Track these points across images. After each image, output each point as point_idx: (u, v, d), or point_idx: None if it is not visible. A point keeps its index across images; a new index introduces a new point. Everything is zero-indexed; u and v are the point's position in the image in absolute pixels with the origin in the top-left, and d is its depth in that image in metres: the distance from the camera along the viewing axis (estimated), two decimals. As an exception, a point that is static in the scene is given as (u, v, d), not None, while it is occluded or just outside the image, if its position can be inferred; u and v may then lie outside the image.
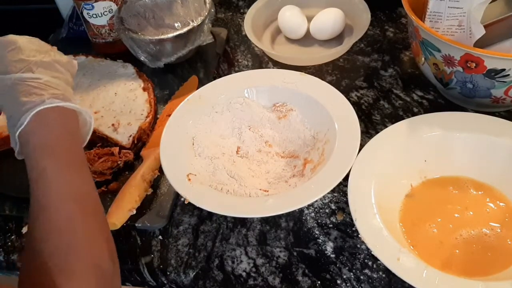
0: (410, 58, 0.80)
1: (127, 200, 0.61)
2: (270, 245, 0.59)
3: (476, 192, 0.60)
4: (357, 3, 0.83)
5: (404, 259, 0.50)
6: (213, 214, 0.62)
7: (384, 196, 0.57)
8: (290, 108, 0.69)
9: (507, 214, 0.57)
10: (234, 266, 0.58)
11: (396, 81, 0.77)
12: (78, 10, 0.83)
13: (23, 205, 0.66)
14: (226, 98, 0.69)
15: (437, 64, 0.64)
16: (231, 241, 0.60)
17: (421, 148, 0.61)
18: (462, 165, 0.61)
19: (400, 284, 0.54)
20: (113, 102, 0.76)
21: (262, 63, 0.83)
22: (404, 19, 0.87)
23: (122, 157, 0.68)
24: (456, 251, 0.55)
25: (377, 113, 0.72)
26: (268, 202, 0.57)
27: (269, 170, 0.65)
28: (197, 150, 0.64)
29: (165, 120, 0.68)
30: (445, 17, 0.63)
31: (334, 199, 0.62)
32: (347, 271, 0.56)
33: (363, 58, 0.81)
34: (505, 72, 0.59)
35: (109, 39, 0.85)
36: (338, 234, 0.59)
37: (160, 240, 0.61)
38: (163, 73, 0.82)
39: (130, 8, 0.82)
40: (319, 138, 0.65)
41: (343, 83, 0.77)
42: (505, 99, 0.63)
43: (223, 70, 0.83)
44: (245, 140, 0.68)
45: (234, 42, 0.88)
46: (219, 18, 0.93)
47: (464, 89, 0.64)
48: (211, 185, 0.60)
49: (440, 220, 0.57)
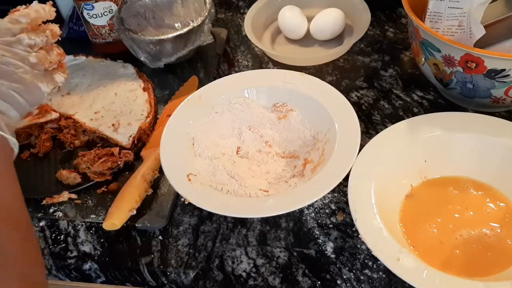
0: (410, 58, 0.80)
1: (127, 200, 0.61)
2: (270, 245, 0.59)
3: (476, 192, 0.60)
4: (357, 3, 0.83)
5: (404, 259, 0.50)
6: (213, 214, 0.62)
7: (384, 196, 0.57)
8: (290, 108, 0.69)
9: (507, 214, 0.57)
10: (234, 266, 0.58)
11: (396, 81, 0.77)
12: (78, 10, 0.83)
13: (23, 205, 0.66)
14: (226, 98, 0.69)
15: (437, 64, 0.64)
16: (231, 241, 0.60)
17: (421, 148, 0.61)
18: (462, 165, 0.61)
19: (400, 284, 0.54)
20: (113, 102, 0.76)
21: (262, 63, 0.83)
22: (404, 19, 0.87)
23: (122, 157, 0.68)
24: (456, 251, 0.55)
25: (377, 113, 0.72)
26: (268, 202, 0.57)
27: (269, 170, 0.65)
28: (197, 150, 0.64)
29: (165, 120, 0.68)
30: (445, 17, 0.63)
31: (334, 199, 0.62)
32: (347, 271, 0.56)
33: (363, 58, 0.81)
34: (505, 72, 0.59)
35: (109, 39, 0.85)
36: (338, 234, 0.59)
37: (160, 240, 0.61)
38: (163, 73, 0.82)
39: (130, 8, 0.82)
40: (319, 138, 0.65)
41: (343, 83, 0.77)
42: (505, 99, 0.63)
43: (223, 70, 0.83)
44: (245, 140, 0.68)
45: (234, 42, 0.88)
46: (219, 18, 0.93)
47: (464, 89, 0.64)
48: (211, 185, 0.60)
49: (440, 220, 0.57)
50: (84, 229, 0.64)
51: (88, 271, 0.60)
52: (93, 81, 0.80)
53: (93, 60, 0.84)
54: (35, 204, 0.66)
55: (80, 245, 0.62)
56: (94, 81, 0.79)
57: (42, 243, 0.63)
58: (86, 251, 0.61)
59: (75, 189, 0.67)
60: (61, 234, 0.63)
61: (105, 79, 0.80)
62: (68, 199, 0.66)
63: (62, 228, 0.64)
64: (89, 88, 0.79)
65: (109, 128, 0.71)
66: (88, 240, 0.62)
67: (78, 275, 0.61)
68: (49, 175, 0.69)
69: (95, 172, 0.67)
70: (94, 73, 0.81)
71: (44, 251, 0.62)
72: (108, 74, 0.81)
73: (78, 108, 0.75)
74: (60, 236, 0.63)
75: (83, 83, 0.79)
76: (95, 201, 0.66)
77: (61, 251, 0.62)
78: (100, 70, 0.82)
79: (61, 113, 0.74)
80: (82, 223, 0.64)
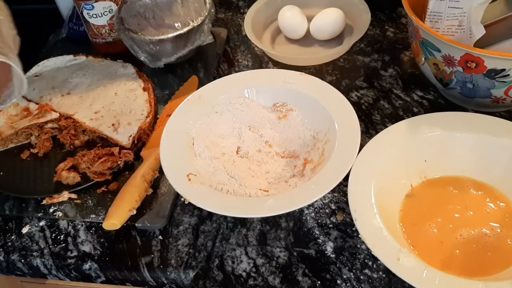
0: (410, 58, 0.80)
1: (127, 200, 0.61)
2: (270, 245, 0.59)
3: (476, 192, 0.60)
4: (357, 3, 0.83)
5: (404, 259, 0.50)
6: (213, 214, 0.62)
7: (384, 196, 0.57)
8: (290, 108, 0.69)
9: (507, 214, 0.57)
10: (234, 266, 0.58)
11: (396, 81, 0.77)
12: (78, 10, 0.83)
13: (23, 205, 0.66)
14: (226, 98, 0.69)
15: (437, 64, 0.64)
16: (231, 241, 0.60)
17: (421, 148, 0.61)
18: (462, 165, 0.61)
19: (400, 284, 0.54)
20: (113, 102, 0.76)
21: (262, 63, 0.83)
22: (404, 19, 0.87)
23: (122, 157, 0.68)
24: (456, 251, 0.55)
25: (377, 113, 0.72)
26: (268, 202, 0.57)
27: (269, 170, 0.65)
28: (197, 150, 0.64)
29: (165, 120, 0.68)
30: (445, 17, 0.63)
31: (334, 199, 0.62)
32: (347, 271, 0.56)
33: (363, 58, 0.81)
34: (505, 72, 0.59)
35: (109, 39, 0.85)
36: (338, 234, 0.59)
37: (160, 240, 0.61)
38: (163, 73, 0.82)
39: (130, 8, 0.82)
40: (319, 138, 0.65)
41: (343, 83, 0.77)
42: (505, 99, 0.63)
43: (223, 70, 0.83)
44: (245, 140, 0.68)
45: (234, 42, 0.88)
46: (219, 18, 0.93)
47: (464, 89, 0.64)
48: (211, 185, 0.60)
49: (440, 220, 0.57)
50: (84, 229, 0.64)
51: (88, 271, 0.60)
52: (93, 81, 0.80)
53: (93, 60, 0.84)
54: (35, 204, 0.66)
55: (80, 245, 0.62)
56: (94, 81, 0.79)
57: (42, 243, 0.63)
58: (86, 251, 0.61)
59: (75, 189, 0.67)
60: (61, 234, 0.63)
61: (105, 79, 0.80)
62: (68, 199, 0.66)
63: (62, 228, 0.64)
64: (89, 88, 0.79)
65: (109, 128, 0.71)
66: (88, 240, 0.62)
67: (78, 275, 0.61)
68: (49, 175, 0.69)
69: (95, 172, 0.67)
70: (94, 73, 0.81)
71: (44, 251, 0.62)
72: (108, 74, 0.81)
73: (78, 108, 0.75)
74: (60, 236, 0.63)
75: (83, 83, 0.79)
76: (95, 201, 0.66)
77: (61, 251, 0.62)
78: (100, 70, 0.82)
79: (61, 113, 0.74)
80: (82, 223, 0.64)
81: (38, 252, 0.62)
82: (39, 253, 0.62)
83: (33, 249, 0.62)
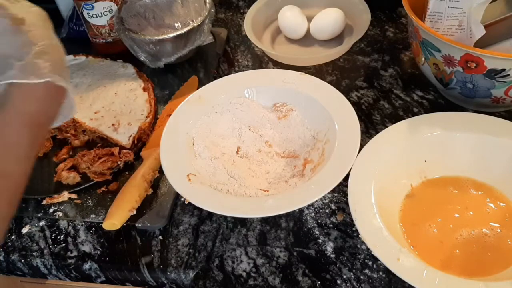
0: (410, 58, 0.80)
1: (127, 200, 0.61)
2: (270, 245, 0.59)
3: (476, 192, 0.60)
4: (357, 3, 0.83)
5: (404, 259, 0.50)
6: (213, 214, 0.62)
7: (384, 196, 0.57)
8: (290, 108, 0.69)
9: (507, 214, 0.57)
10: (234, 266, 0.58)
11: (396, 81, 0.77)
12: (78, 10, 0.83)
13: (23, 205, 0.66)
14: (226, 98, 0.69)
15: (437, 64, 0.64)
16: (231, 241, 0.60)
17: (421, 148, 0.61)
18: (462, 165, 0.61)
19: (400, 284, 0.54)
20: (113, 102, 0.76)
21: (262, 63, 0.83)
22: (404, 19, 0.87)
23: (122, 157, 0.68)
24: (456, 251, 0.55)
25: (377, 113, 0.72)
26: (268, 202, 0.57)
27: (269, 170, 0.65)
28: (197, 150, 0.64)
29: (165, 120, 0.68)
30: (445, 17, 0.63)
31: (334, 199, 0.62)
32: (347, 271, 0.56)
33: (363, 58, 0.81)
34: (505, 72, 0.59)
35: (109, 39, 0.85)
36: (338, 234, 0.59)
37: (160, 240, 0.61)
38: (163, 73, 0.82)
39: (130, 8, 0.82)
40: (319, 138, 0.65)
41: (343, 83, 0.77)
42: (505, 99, 0.63)
43: (223, 70, 0.83)
44: (245, 140, 0.68)
45: (234, 42, 0.88)
46: (219, 18, 0.93)
47: (464, 89, 0.64)
48: (211, 185, 0.60)
49: (440, 220, 0.57)
50: (84, 229, 0.64)
51: (88, 271, 0.60)
52: (93, 81, 0.80)
53: (93, 60, 0.84)
54: (35, 204, 0.66)
55: (80, 245, 0.62)
56: (94, 81, 0.79)
57: (42, 243, 0.63)
58: (86, 251, 0.61)
59: (75, 189, 0.67)
60: (61, 234, 0.63)
61: (105, 79, 0.80)
62: (68, 199, 0.66)
63: (62, 228, 0.64)
64: (89, 88, 0.78)
65: (109, 128, 0.71)
66: (88, 240, 0.62)
67: (78, 275, 0.61)
68: (49, 175, 0.69)
69: (95, 172, 0.67)
70: (94, 73, 0.81)
71: (44, 251, 0.62)
72: (108, 74, 0.81)
73: (78, 108, 0.74)
74: (60, 236, 0.63)
75: (83, 83, 0.79)
76: (95, 201, 0.66)
77: (61, 251, 0.62)
78: (100, 70, 0.82)
79: (61, 113, 0.74)
80: (82, 223, 0.64)
81: (38, 252, 0.62)
82: (39, 253, 0.62)
83: (33, 249, 0.62)
